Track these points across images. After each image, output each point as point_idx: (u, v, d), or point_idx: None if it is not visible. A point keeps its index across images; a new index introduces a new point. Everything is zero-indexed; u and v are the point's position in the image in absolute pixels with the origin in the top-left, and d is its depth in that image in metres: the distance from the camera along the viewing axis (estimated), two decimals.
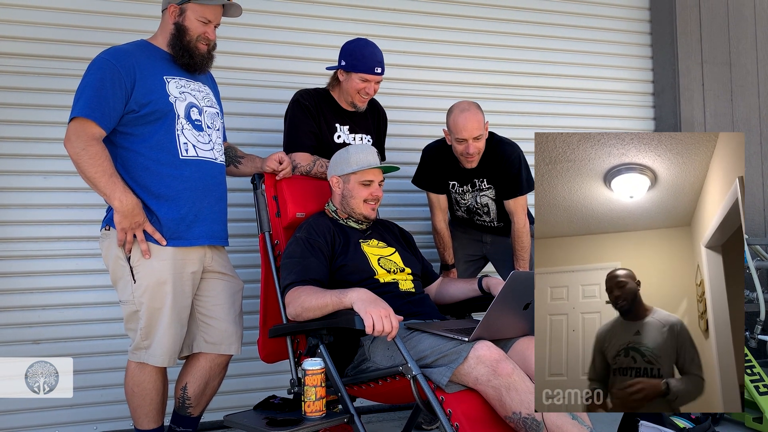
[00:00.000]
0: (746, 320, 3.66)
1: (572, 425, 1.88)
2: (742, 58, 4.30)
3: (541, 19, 4.02)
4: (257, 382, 3.26)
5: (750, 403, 3.08)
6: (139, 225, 2.26)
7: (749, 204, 4.20)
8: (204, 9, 2.39)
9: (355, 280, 2.37)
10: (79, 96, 2.25)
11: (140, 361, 2.36)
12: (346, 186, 2.53)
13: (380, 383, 2.18)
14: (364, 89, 2.79)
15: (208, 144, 2.44)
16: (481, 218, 3.19)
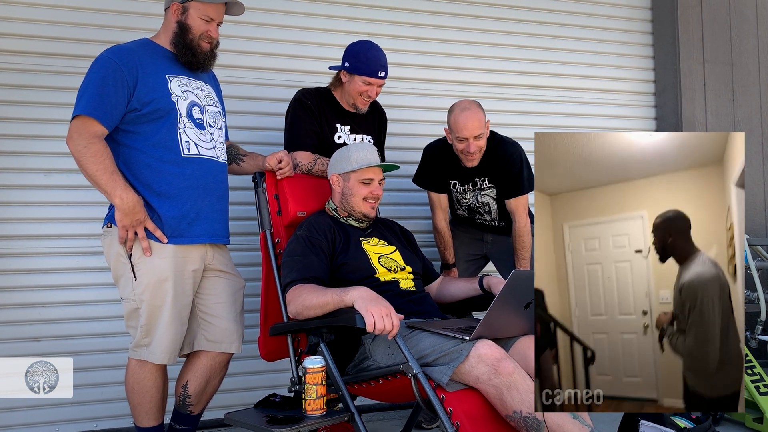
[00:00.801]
0: (747, 320, 3.66)
1: (573, 424, 1.88)
2: (744, 57, 4.30)
3: (542, 19, 4.02)
4: (258, 381, 3.26)
5: (750, 403, 3.08)
6: (140, 222, 2.26)
7: (750, 204, 4.20)
8: (207, 7, 2.39)
9: (355, 279, 2.37)
10: (81, 94, 2.25)
11: (141, 358, 2.36)
12: (347, 184, 2.53)
13: (381, 382, 2.17)
14: (366, 92, 2.79)
15: (210, 142, 2.44)
16: (482, 217, 3.19)
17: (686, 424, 2.61)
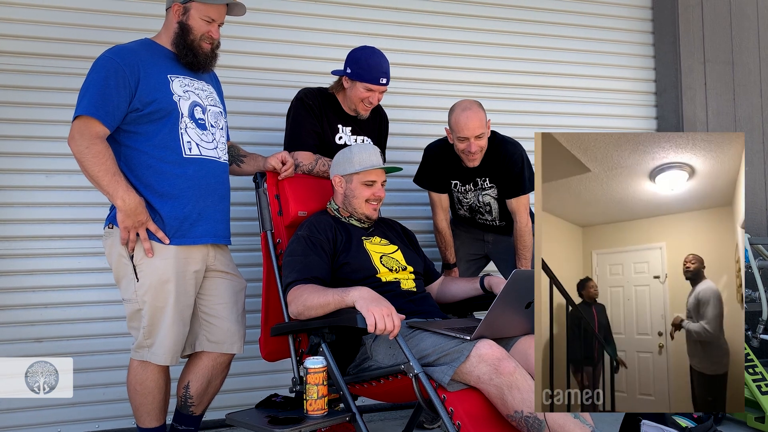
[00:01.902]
0: (749, 319, 3.65)
1: (574, 424, 1.88)
2: (745, 57, 4.30)
3: (543, 18, 4.01)
4: (259, 381, 3.27)
5: (752, 403, 3.07)
6: (142, 224, 2.26)
7: (752, 204, 4.20)
8: (208, 8, 2.39)
9: (357, 279, 2.37)
10: (83, 94, 2.25)
11: (143, 359, 2.36)
12: (349, 186, 2.53)
13: (382, 382, 2.17)
14: (367, 98, 2.79)
15: (212, 143, 2.44)
16: (483, 217, 3.19)
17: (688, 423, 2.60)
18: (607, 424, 2.67)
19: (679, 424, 2.58)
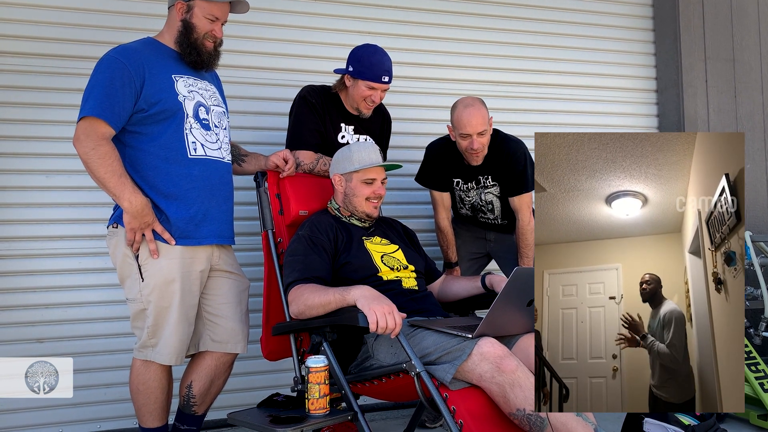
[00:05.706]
0: (751, 317, 3.65)
1: (576, 422, 1.87)
2: (746, 54, 4.29)
3: (543, 16, 4.01)
4: (261, 380, 3.26)
5: (755, 400, 3.06)
6: (148, 225, 2.25)
7: (753, 201, 4.19)
8: (211, 6, 2.38)
9: (358, 278, 2.37)
10: (88, 95, 2.23)
11: (146, 359, 2.36)
12: (349, 184, 2.52)
13: (384, 380, 2.17)
14: (370, 97, 2.78)
15: (216, 143, 2.43)
16: (485, 215, 3.18)
17: (690, 421, 2.60)
18: (610, 422, 2.67)
19: (682, 421, 2.58)
